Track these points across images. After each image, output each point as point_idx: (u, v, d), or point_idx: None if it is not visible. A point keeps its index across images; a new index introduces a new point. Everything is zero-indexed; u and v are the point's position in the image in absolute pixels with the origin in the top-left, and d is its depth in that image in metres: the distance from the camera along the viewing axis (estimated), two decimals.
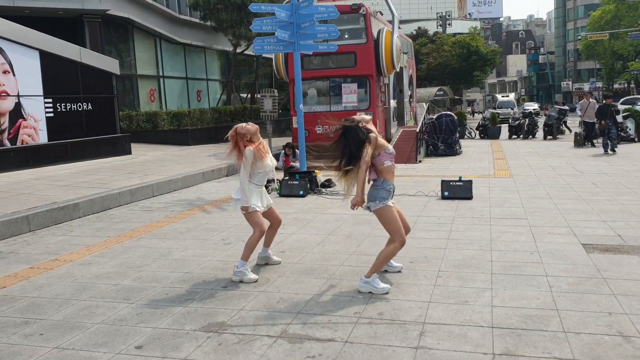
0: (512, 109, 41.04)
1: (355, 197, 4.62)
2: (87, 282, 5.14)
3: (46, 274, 5.45)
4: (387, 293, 4.52)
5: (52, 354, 3.65)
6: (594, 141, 17.43)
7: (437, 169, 13.12)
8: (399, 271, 5.09)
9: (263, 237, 5.35)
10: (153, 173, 11.55)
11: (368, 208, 4.67)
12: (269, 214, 5.43)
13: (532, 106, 46.98)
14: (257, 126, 5.30)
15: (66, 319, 4.26)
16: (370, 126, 4.63)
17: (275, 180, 10.51)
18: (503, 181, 10.60)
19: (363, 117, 4.71)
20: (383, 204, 4.57)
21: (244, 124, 5.25)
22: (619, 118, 18.88)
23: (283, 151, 12.07)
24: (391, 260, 5.01)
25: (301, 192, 9.46)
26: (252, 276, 5.05)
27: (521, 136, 23.59)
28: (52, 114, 13.13)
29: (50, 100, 13.11)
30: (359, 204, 4.63)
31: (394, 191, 4.70)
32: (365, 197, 4.67)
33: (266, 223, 5.33)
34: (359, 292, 4.59)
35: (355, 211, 7.83)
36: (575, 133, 17.69)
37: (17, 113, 12.26)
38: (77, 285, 5.06)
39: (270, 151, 5.40)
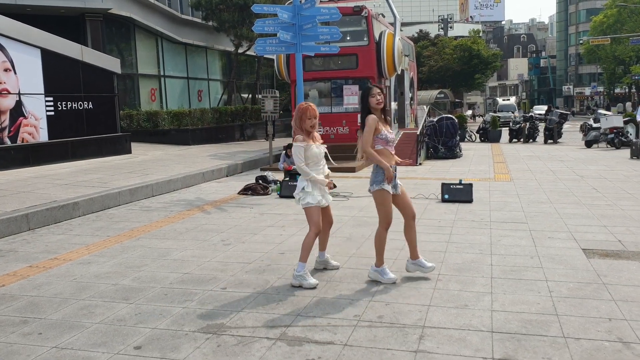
0: (513, 112, 41.03)
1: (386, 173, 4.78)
2: (86, 282, 5.14)
3: (45, 273, 5.44)
4: (393, 283, 4.78)
5: (50, 354, 3.64)
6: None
7: (438, 171, 13.12)
8: (427, 275, 5.02)
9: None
10: (153, 173, 11.54)
11: (369, 190, 4.92)
12: (322, 212, 5.19)
13: (542, 110, 44.98)
14: (305, 106, 5.01)
15: (65, 318, 4.25)
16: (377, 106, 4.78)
17: (277, 181, 10.54)
18: (503, 185, 10.59)
19: (376, 91, 4.78)
20: (379, 187, 4.77)
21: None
22: (619, 122, 18.88)
23: (284, 152, 12.06)
24: (423, 260, 5.01)
25: None
26: (312, 281, 4.82)
27: (522, 140, 23.61)
28: (53, 113, 13.12)
29: (51, 98, 13.11)
30: (389, 177, 4.77)
31: (394, 169, 4.84)
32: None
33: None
34: (369, 278, 4.92)
35: (355, 213, 7.84)
36: (632, 142, 16.74)
37: (17, 111, 12.26)
38: (76, 285, 5.05)
39: (317, 138, 5.09)
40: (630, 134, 18.93)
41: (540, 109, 46.60)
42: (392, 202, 4.85)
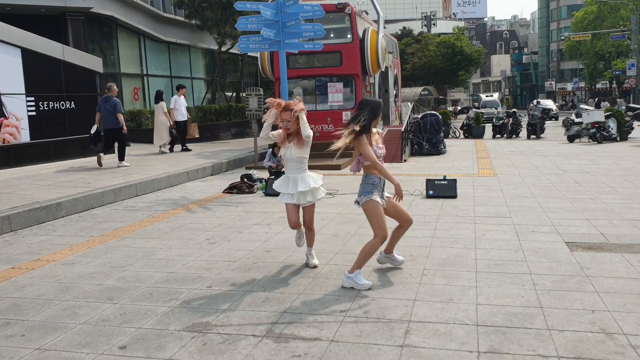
0: (496, 108, 41.22)
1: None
2: (70, 282, 5.08)
3: (28, 274, 5.38)
4: (369, 289, 4.58)
5: (33, 355, 3.60)
6: None
7: (422, 167, 13.17)
8: (400, 267, 5.16)
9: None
10: (137, 172, 11.45)
11: (357, 202, 4.82)
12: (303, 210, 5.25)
13: (548, 105, 40.23)
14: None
15: (48, 319, 4.20)
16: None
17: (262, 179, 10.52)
18: (487, 180, 10.66)
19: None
20: (367, 197, 4.70)
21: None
22: (600, 117, 19.12)
23: (270, 150, 12.02)
24: (395, 255, 5.17)
25: None
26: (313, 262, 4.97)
27: (505, 135, 23.79)
28: (34, 113, 12.96)
29: (33, 98, 12.94)
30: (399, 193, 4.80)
31: (383, 183, 4.85)
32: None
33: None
34: (342, 286, 4.67)
35: (341, 210, 7.85)
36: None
37: None
38: (59, 286, 5.00)
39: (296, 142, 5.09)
40: (612, 128, 19.17)
41: (543, 104, 44.60)
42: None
